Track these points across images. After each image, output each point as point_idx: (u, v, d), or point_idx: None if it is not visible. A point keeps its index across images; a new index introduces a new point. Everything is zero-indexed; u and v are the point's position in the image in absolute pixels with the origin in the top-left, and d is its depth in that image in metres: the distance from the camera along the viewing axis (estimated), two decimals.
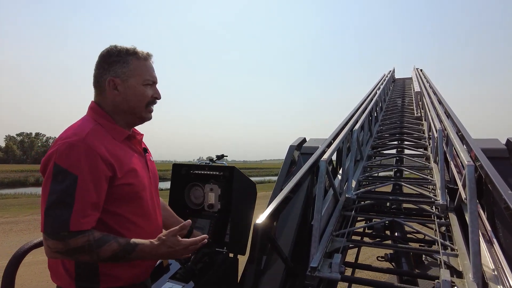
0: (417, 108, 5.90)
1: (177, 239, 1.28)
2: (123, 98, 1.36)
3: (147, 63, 1.41)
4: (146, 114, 1.42)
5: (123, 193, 1.28)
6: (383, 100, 6.55)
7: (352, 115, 3.79)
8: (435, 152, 3.02)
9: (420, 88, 5.98)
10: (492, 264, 1.61)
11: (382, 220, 2.31)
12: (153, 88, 1.42)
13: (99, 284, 1.26)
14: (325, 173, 2.10)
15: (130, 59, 1.36)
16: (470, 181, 1.71)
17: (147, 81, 1.39)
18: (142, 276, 1.40)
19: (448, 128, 2.65)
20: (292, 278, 1.85)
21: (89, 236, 1.15)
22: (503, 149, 2.47)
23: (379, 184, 2.90)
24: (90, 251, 1.15)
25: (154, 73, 1.43)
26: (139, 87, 1.37)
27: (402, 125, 5.04)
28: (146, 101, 1.39)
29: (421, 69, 9.76)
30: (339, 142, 2.59)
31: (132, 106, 1.37)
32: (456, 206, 2.21)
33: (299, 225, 2.14)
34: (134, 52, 1.38)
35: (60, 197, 1.13)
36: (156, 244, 1.25)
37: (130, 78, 1.35)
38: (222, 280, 1.84)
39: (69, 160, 1.16)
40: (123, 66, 1.35)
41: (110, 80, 1.34)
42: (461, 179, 2.11)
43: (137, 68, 1.37)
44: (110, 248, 1.17)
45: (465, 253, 1.76)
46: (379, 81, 7.80)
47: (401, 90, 8.90)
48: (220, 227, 2.04)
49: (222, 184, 2.09)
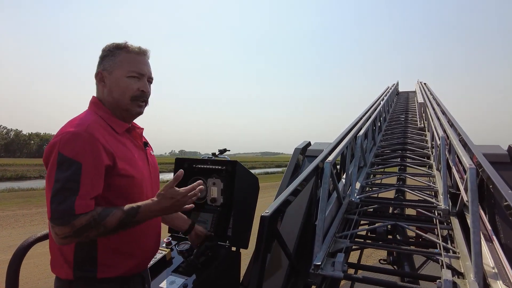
0: (421, 119, 5.95)
1: (175, 190, 1.31)
2: (108, 90, 1.37)
3: (137, 57, 1.40)
4: (132, 107, 1.40)
5: (122, 183, 1.30)
6: (386, 111, 6.60)
7: (356, 122, 3.85)
8: (437, 160, 3.05)
9: (424, 100, 6.03)
10: (493, 264, 1.63)
11: (384, 224, 2.33)
12: (141, 82, 1.40)
13: (96, 273, 1.28)
14: (329, 174, 2.13)
15: (118, 52, 1.38)
16: (472, 183, 1.75)
17: (132, 73, 1.38)
18: (140, 266, 1.41)
19: (451, 135, 2.70)
20: (296, 275, 1.87)
21: (92, 212, 1.18)
22: (505, 155, 2.51)
23: (382, 189, 2.92)
24: (96, 225, 1.18)
25: (145, 67, 1.42)
26: (122, 79, 1.37)
27: (405, 134, 5.09)
28: (130, 93, 1.38)
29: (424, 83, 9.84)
30: (343, 147, 2.63)
31: (115, 98, 1.37)
32: (458, 210, 2.24)
33: (303, 225, 2.17)
34: (124, 46, 1.39)
35: (65, 184, 1.15)
36: (158, 200, 1.29)
37: (115, 70, 1.37)
38: (224, 274, 1.86)
39: (74, 149, 1.18)
40: (111, 59, 1.38)
41: (98, 72, 1.38)
42: (463, 183, 2.14)
43: (123, 60, 1.38)
44: (114, 217, 1.20)
45: (467, 255, 1.78)
46: (382, 93, 7.87)
47: (405, 102, 8.96)
48: (222, 221, 2.05)
49: (224, 178, 2.10)
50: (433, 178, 3.14)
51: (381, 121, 5.48)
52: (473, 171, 1.79)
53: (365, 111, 5.04)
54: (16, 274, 1.50)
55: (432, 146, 3.90)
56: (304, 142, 3.29)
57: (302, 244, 2.10)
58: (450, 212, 2.30)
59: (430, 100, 5.51)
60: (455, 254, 1.87)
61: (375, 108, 4.98)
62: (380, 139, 4.83)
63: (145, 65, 1.42)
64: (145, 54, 1.44)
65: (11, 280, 1.49)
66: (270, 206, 1.58)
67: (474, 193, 1.71)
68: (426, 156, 3.86)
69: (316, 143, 3.39)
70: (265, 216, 1.49)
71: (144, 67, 1.42)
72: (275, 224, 1.61)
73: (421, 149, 4.14)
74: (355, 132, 3.16)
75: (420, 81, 10.15)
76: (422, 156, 3.86)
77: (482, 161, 1.95)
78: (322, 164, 2.26)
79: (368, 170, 3.46)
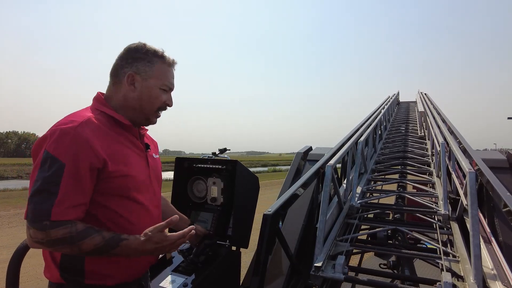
0: (421, 128, 5.99)
1: (164, 235, 1.22)
2: (137, 96, 1.35)
3: (170, 69, 1.42)
4: (153, 117, 1.42)
5: (115, 186, 1.24)
6: (387, 120, 6.65)
7: (357, 129, 3.88)
8: (438, 167, 3.08)
9: (424, 109, 6.09)
10: (492, 266, 1.65)
11: (384, 229, 2.35)
12: (168, 95, 1.43)
13: (84, 279, 1.23)
14: (331, 177, 2.15)
15: (156, 60, 1.37)
16: (471, 187, 1.78)
17: (165, 86, 1.40)
18: (133, 275, 1.35)
19: (451, 142, 2.73)
20: (296, 277, 1.88)
21: (71, 227, 1.10)
22: (503, 160, 2.54)
23: (382, 195, 2.94)
24: (71, 243, 1.10)
25: (173, 81, 1.44)
26: (155, 90, 1.37)
27: (406, 143, 5.13)
28: (158, 105, 1.40)
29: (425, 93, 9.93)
30: (344, 151, 2.66)
31: (143, 105, 1.37)
32: (458, 215, 2.26)
33: (304, 228, 2.18)
34: (162, 56, 1.39)
35: (44, 185, 1.09)
36: (142, 240, 1.19)
37: (150, 79, 1.36)
38: (224, 273, 1.86)
39: (59, 147, 1.13)
40: (147, 65, 1.36)
41: (130, 74, 1.34)
42: (463, 188, 2.16)
43: (160, 71, 1.38)
44: (92, 242, 1.12)
45: (466, 258, 1.79)
46: (383, 102, 7.92)
47: (405, 111, 9.03)
48: (222, 221, 2.05)
49: (224, 177, 2.10)
50: (433, 185, 3.16)
51: (382, 129, 5.52)
52: (473, 175, 1.81)
53: (366, 118, 5.08)
54: (16, 274, 1.50)
55: (432, 154, 3.93)
56: (305, 147, 3.33)
57: (303, 247, 2.11)
58: (450, 217, 2.32)
59: (431, 109, 5.56)
60: (454, 258, 1.88)
61: (376, 116, 5.02)
62: (380, 147, 4.87)
63: (174, 78, 1.45)
64: (174, 66, 1.45)
65: (11, 280, 1.48)
66: (273, 205, 1.60)
67: (474, 197, 1.74)
68: (426, 163, 3.88)
69: (317, 148, 3.43)
70: (267, 214, 1.51)
71: (173, 81, 1.44)
72: (277, 223, 1.62)
73: (422, 157, 4.17)
74: (356, 138, 3.20)
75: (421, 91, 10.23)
76: (423, 163, 3.89)
77: (481, 166, 1.98)
78: (324, 168, 2.29)
79: (369, 176, 3.49)
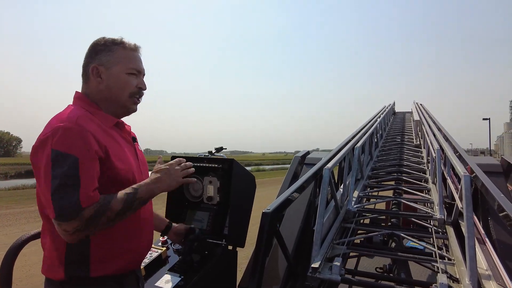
0: (416, 137, 6.06)
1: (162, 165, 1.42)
2: (106, 86, 1.37)
3: (134, 54, 1.42)
4: (129, 104, 1.42)
5: (112, 177, 1.28)
6: (383, 129, 6.72)
7: (354, 135, 3.93)
8: (433, 173, 3.12)
9: (419, 117, 6.17)
10: (487, 266, 1.67)
11: (380, 233, 2.37)
12: (138, 79, 1.43)
13: (89, 272, 1.25)
14: (328, 180, 2.18)
15: (116, 48, 1.39)
16: (466, 190, 1.81)
17: (132, 70, 1.40)
18: (134, 263, 1.41)
19: (446, 148, 2.77)
20: (294, 278, 1.89)
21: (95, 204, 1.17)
22: (497, 165, 2.59)
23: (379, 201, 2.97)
24: (104, 210, 1.17)
25: (141, 64, 1.45)
26: (122, 75, 1.38)
27: (402, 150, 5.18)
28: (129, 90, 1.40)
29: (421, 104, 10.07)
30: (341, 156, 2.69)
31: (114, 94, 1.38)
32: (453, 220, 2.28)
33: (301, 230, 2.19)
34: (121, 42, 1.40)
35: (65, 180, 1.13)
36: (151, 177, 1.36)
37: (114, 66, 1.37)
38: (221, 273, 1.86)
39: (67, 143, 1.16)
40: (108, 54, 1.37)
41: (93, 67, 1.36)
42: (458, 193, 2.20)
43: (122, 56, 1.39)
44: (117, 200, 1.21)
45: (462, 261, 1.81)
46: (379, 111, 8.01)
47: (401, 121, 9.14)
48: (219, 220, 2.05)
49: (221, 176, 2.09)
50: (428, 191, 3.19)
51: (378, 137, 5.57)
52: (468, 178, 1.85)
53: (362, 126, 5.14)
54: (9, 274, 1.49)
55: (428, 161, 3.97)
56: (303, 151, 3.38)
57: (300, 249, 2.12)
58: (445, 221, 2.34)
59: (426, 118, 5.64)
60: (450, 261, 1.90)
61: (372, 124, 5.08)
62: (376, 154, 4.91)
63: (140, 61, 1.45)
64: (139, 51, 1.46)
65: (5, 279, 1.48)
66: (271, 204, 1.62)
67: (469, 199, 1.77)
68: (422, 171, 3.93)
69: (314, 152, 3.47)
70: (267, 212, 1.52)
71: (140, 64, 1.45)
72: (276, 222, 1.64)
73: (417, 164, 4.22)
74: (353, 144, 3.24)
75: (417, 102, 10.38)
76: (418, 170, 3.93)
77: (476, 170, 2.02)
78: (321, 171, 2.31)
79: (365, 182, 3.52)
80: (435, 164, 2.90)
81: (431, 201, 2.83)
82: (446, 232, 2.27)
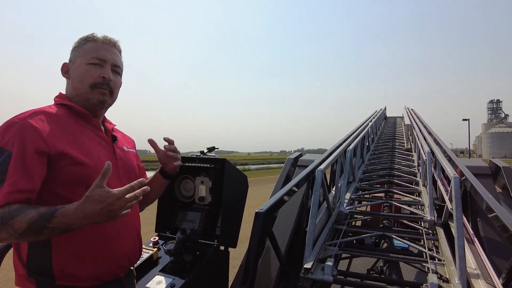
0: (407, 141, 6.13)
1: (105, 191, 1.03)
2: (71, 81, 1.32)
3: (100, 45, 1.34)
4: (92, 95, 1.31)
5: (73, 174, 1.17)
6: (374, 133, 6.78)
7: (345, 139, 3.96)
8: (424, 176, 3.16)
9: (410, 122, 6.25)
10: (476, 266, 1.70)
11: (372, 234, 2.39)
12: (103, 69, 1.32)
13: (55, 280, 1.15)
14: (320, 181, 2.19)
15: (84, 43, 1.33)
16: (456, 191, 1.83)
17: (93, 59, 1.31)
18: (111, 274, 1.27)
19: (436, 151, 2.82)
20: (286, 279, 1.89)
21: (4, 209, 1.02)
22: (486, 167, 2.65)
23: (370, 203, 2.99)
24: (3, 223, 1.00)
25: (107, 54, 1.34)
26: (82, 66, 1.30)
27: (393, 154, 5.24)
28: (90, 80, 1.29)
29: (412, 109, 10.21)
30: (333, 158, 2.71)
31: (76, 87, 1.31)
32: (443, 221, 2.32)
33: (293, 231, 2.20)
34: (91, 37, 1.34)
35: None
36: (81, 202, 1.02)
37: (77, 59, 1.32)
38: (213, 273, 1.85)
39: (5, 137, 1.10)
40: (77, 50, 1.33)
41: (63, 65, 1.34)
42: (448, 195, 2.23)
43: (86, 49, 1.32)
44: (25, 218, 1.00)
45: (452, 261, 1.84)
46: (371, 116, 8.09)
47: (392, 125, 9.26)
48: (211, 220, 2.03)
49: (213, 176, 2.07)
50: (419, 194, 3.23)
51: (369, 141, 5.63)
52: (457, 179, 1.88)
53: (354, 129, 5.19)
54: None
55: (418, 165, 4.02)
56: (296, 153, 3.41)
57: (293, 250, 2.12)
58: (435, 223, 2.37)
59: (417, 123, 5.72)
60: (440, 262, 1.93)
61: (363, 128, 5.13)
62: (368, 158, 4.96)
63: (108, 51, 1.34)
64: (112, 44, 1.37)
65: None
66: (264, 204, 1.62)
67: (458, 200, 1.79)
68: (412, 174, 3.97)
69: (307, 154, 3.51)
70: (260, 212, 1.52)
71: (107, 53, 1.34)
72: (269, 222, 1.64)
73: (408, 167, 4.27)
74: (345, 147, 3.27)
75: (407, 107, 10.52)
76: (409, 173, 3.98)
77: (465, 172, 2.05)
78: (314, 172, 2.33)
79: (357, 184, 3.54)
80: (425, 166, 2.94)
81: (422, 203, 2.86)
82: (436, 233, 2.30)
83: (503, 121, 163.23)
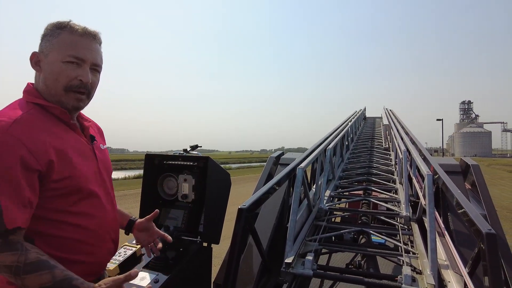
0: (385, 141, 6.32)
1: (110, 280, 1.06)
2: (43, 76, 1.16)
3: (79, 39, 1.17)
4: (67, 99, 1.17)
5: (63, 187, 1.11)
6: (354, 132, 6.95)
7: (325, 138, 4.06)
8: (400, 174, 3.28)
9: (388, 122, 6.44)
10: (446, 257, 1.81)
11: (351, 230, 2.47)
12: (80, 69, 1.17)
13: None
14: (301, 179, 2.25)
15: (59, 32, 1.16)
16: (429, 187, 1.94)
17: (70, 57, 1.14)
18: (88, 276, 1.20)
19: (412, 150, 2.94)
20: (268, 274, 1.94)
21: (20, 256, 0.97)
22: (457, 165, 2.81)
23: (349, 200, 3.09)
24: (16, 274, 0.97)
25: (87, 52, 1.17)
26: (57, 64, 1.14)
27: (372, 153, 5.40)
28: (64, 82, 1.14)
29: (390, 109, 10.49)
30: (313, 156, 2.78)
31: (48, 86, 1.15)
32: (418, 217, 2.43)
33: (275, 228, 2.25)
34: (66, 25, 1.16)
35: None
36: None
37: (51, 53, 1.14)
38: (196, 269, 1.87)
39: None
40: (49, 39, 1.15)
41: (33, 54, 1.17)
42: (422, 191, 2.34)
43: (62, 42, 1.15)
44: (38, 280, 0.98)
45: (424, 254, 1.94)
46: (350, 116, 8.27)
47: (371, 125, 9.49)
48: (194, 217, 2.05)
49: (196, 174, 2.08)
50: (396, 191, 3.36)
51: (349, 140, 5.77)
52: (430, 177, 1.98)
53: (334, 129, 5.30)
54: None
55: (395, 163, 4.17)
56: (278, 152, 3.47)
57: (274, 245, 2.17)
58: (410, 218, 2.49)
59: (395, 123, 5.91)
60: (414, 255, 2.03)
61: (343, 128, 5.26)
62: (347, 156, 5.09)
63: (87, 49, 1.18)
64: (92, 37, 1.20)
65: None
66: (247, 201, 1.66)
67: (431, 196, 1.89)
68: (390, 172, 4.12)
69: (288, 153, 3.58)
70: (242, 208, 1.56)
71: (86, 52, 1.17)
72: (252, 219, 1.68)
73: (386, 166, 4.42)
74: (325, 146, 3.35)
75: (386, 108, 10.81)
76: (387, 172, 4.11)
77: (437, 169, 2.17)
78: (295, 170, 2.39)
79: (337, 182, 3.64)
80: (402, 165, 3.06)
81: (398, 200, 2.98)
82: (411, 228, 2.40)
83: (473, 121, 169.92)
